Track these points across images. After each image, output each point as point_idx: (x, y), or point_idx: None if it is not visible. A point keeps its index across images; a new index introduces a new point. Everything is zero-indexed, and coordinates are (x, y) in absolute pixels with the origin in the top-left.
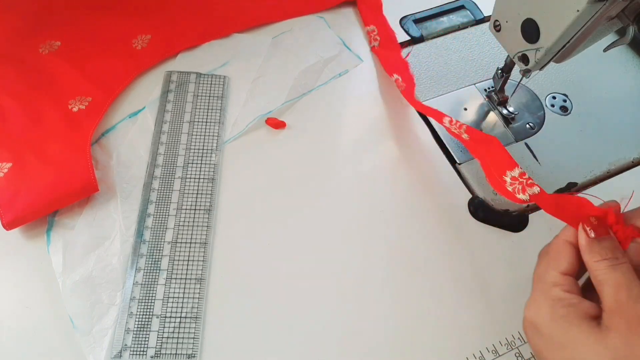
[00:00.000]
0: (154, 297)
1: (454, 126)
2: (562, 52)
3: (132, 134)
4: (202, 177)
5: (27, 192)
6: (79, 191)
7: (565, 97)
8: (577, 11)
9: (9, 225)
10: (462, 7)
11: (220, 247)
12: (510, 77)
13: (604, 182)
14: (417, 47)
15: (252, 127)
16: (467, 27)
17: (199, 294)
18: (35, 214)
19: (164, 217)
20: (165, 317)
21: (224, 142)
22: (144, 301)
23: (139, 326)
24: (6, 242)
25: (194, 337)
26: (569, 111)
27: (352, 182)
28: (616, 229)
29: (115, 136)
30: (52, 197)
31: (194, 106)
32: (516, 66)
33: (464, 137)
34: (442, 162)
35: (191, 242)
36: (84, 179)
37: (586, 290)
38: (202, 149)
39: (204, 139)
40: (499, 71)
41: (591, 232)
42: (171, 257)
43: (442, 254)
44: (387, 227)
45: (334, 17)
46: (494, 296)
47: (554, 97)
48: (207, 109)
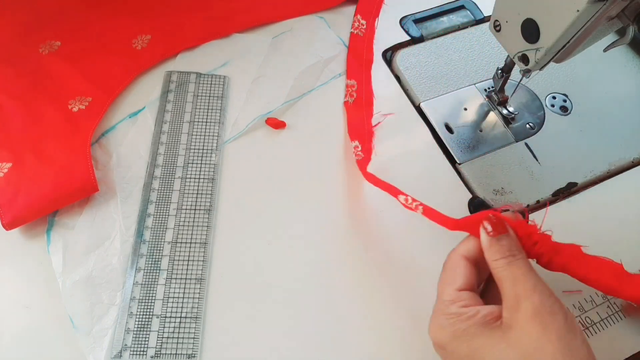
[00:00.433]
0: (154, 297)
1: (409, 204)
2: (562, 52)
3: (132, 134)
4: (202, 177)
5: (27, 192)
6: (79, 191)
7: (565, 97)
8: (577, 11)
9: (9, 225)
10: (462, 7)
11: (220, 247)
12: (510, 77)
13: (604, 182)
14: (417, 47)
15: (252, 127)
16: (467, 27)
17: (199, 294)
18: (35, 214)
19: (164, 217)
20: (165, 317)
21: (224, 142)
22: (144, 301)
23: (139, 326)
24: (6, 242)
25: (194, 337)
26: (569, 111)
27: (352, 182)
28: (515, 228)
29: (115, 136)
30: (52, 197)
31: (194, 106)
32: (516, 66)
33: (419, 212)
34: (442, 162)
35: (191, 242)
36: (84, 179)
37: (488, 291)
38: (202, 149)
39: (204, 139)
40: (499, 71)
41: (490, 230)
42: (171, 257)
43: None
44: (387, 226)
45: (334, 17)
46: None
47: (554, 97)
48: (207, 109)
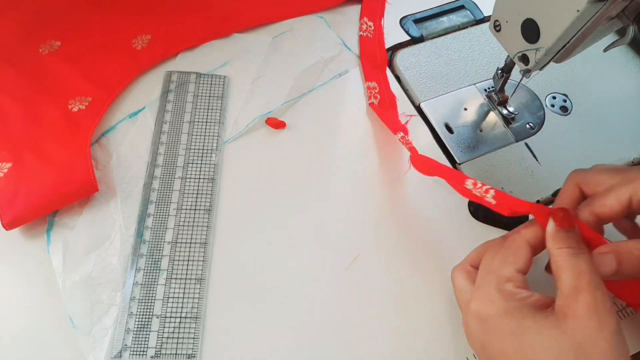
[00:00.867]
0: (154, 297)
1: (478, 190)
2: (562, 52)
3: (132, 134)
4: (202, 177)
5: (27, 192)
6: (79, 191)
7: (565, 97)
8: (577, 11)
9: (9, 225)
10: (462, 7)
11: (220, 247)
12: (510, 77)
13: None
14: (417, 47)
15: (252, 127)
16: (467, 27)
17: (199, 294)
18: (35, 214)
19: (164, 217)
20: (165, 317)
21: (224, 142)
22: (144, 301)
23: (139, 326)
24: (6, 242)
25: (194, 337)
26: (569, 111)
27: (352, 182)
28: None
29: (115, 136)
30: (52, 197)
31: (194, 106)
32: (516, 66)
33: (488, 200)
34: (442, 162)
35: (191, 242)
36: (84, 179)
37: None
38: (202, 149)
39: (204, 139)
40: (499, 71)
41: (559, 220)
42: (171, 257)
43: (443, 253)
44: (387, 226)
45: (334, 17)
46: None
47: (554, 97)
48: (207, 109)
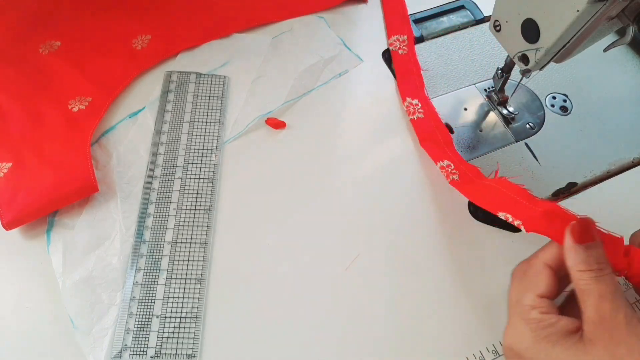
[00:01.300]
0: (154, 297)
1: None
2: (562, 52)
3: (132, 134)
4: (202, 177)
5: (27, 192)
6: (79, 191)
7: (565, 97)
8: (577, 11)
9: (9, 225)
10: (462, 7)
11: (220, 247)
12: (510, 77)
13: (604, 182)
14: (417, 47)
15: (252, 127)
16: (467, 27)
17: (199, 294)
18: (35, 214)
19: (164, 217)
20: (165, 317)
21: (224, 142)
22: (144, 301)
23: (139, 326)
24: (6, 242)
25: (194, 337)
26: (569, 111)
27: (352, 182)
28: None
29: (115, 136)
30: (52, 197)
31: (194, 106)
32: (516, 66)
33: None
34: None
35: (191, 242)
36: (83, 179)
37: (564, 304)
38: (202, 149)
39: (204, 139)
40: (499, 71)
41: (576, 235)
42: (171, 257)
43: (442, 253)
44: (387, 227)
45: (334, 17)
46: (494, 296)
47: (554, 97)
48: (207, 109)
